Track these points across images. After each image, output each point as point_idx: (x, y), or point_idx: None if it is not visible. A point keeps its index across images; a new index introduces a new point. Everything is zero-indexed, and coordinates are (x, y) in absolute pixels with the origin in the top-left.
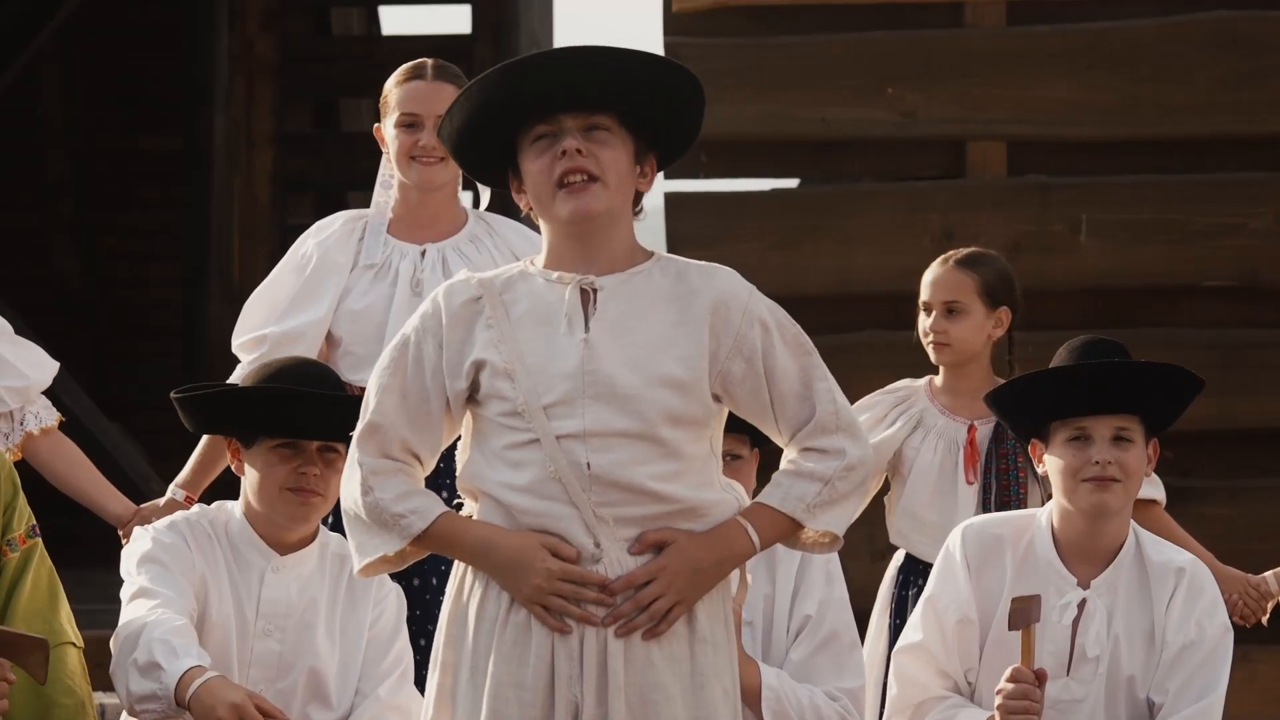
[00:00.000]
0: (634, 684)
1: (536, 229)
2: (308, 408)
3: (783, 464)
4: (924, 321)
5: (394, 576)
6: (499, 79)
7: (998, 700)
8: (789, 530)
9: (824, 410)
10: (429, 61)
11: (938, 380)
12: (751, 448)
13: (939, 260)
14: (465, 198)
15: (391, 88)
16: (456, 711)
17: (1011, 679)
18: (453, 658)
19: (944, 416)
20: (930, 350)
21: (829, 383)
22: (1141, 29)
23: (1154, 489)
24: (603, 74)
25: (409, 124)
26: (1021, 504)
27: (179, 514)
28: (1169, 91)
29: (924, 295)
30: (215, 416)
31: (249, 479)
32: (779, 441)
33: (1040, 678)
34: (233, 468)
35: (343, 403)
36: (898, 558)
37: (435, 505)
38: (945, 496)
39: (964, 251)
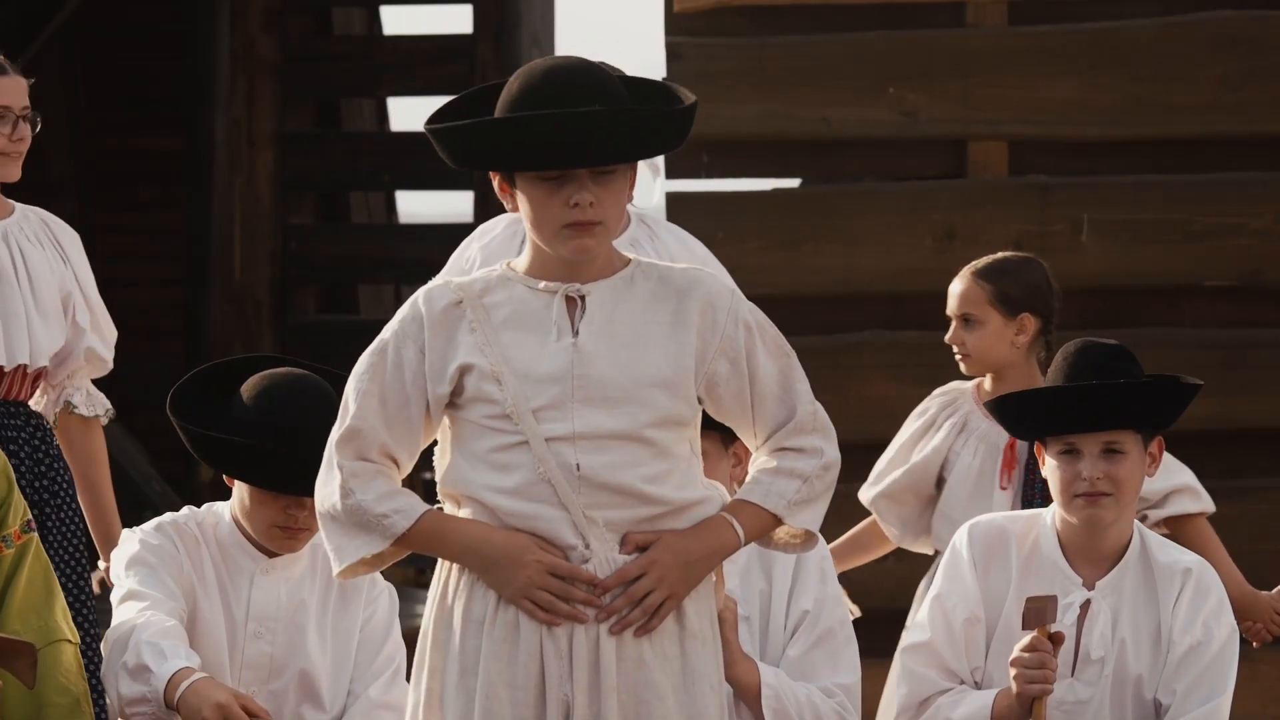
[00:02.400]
0: (626, 683)
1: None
2: (292, 468)
3: (758, 463)
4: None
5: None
6: (513, 130)
7: (1013, 671)
8: (770, 526)
9: (803, 411)
10: None
11: (985, 384)
12: (724, 445)
13: (965, 269)
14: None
15: None
16: (446, 715)
17: (1029, 648)
18: (440, 661)
19: (987, 421)
20: (960, 362)
21: (806, 385)
22: (1142, 29)
23: (1195, 502)
24: (619, 129)
25: None
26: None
27: (166, 516)
28: (1170, 91)
29: (948, 306)
30: (202, 450)
31: (238, 498)
32: (750, 443)
33: (1056, 640)
34: (224, 478)
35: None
36: (937, 561)
37: (418, 504)
38: (981, 501)
39: (987, 260)
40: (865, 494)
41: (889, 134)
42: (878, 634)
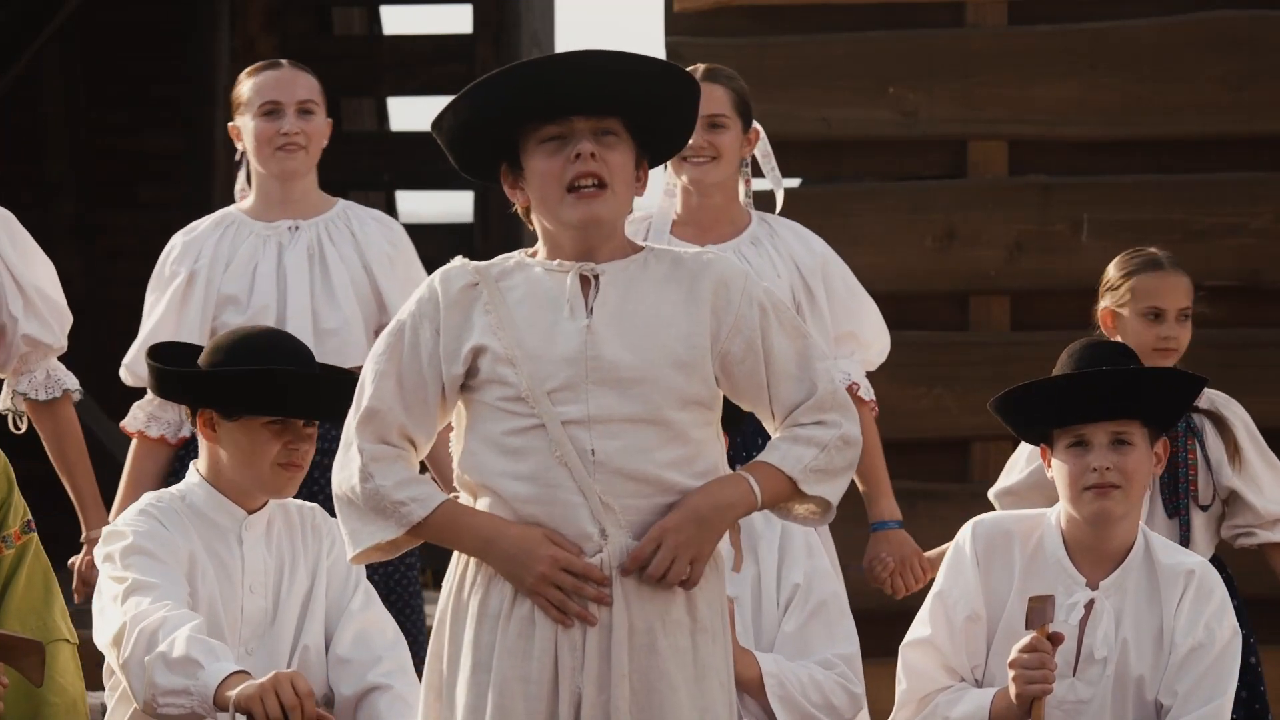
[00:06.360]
0: (639, 672)
1: (528, 223)
2: (305, 388)
3: (776, 435)
4: (1148, 329)
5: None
6: (513, 77)
7: (1012, 672)
8: (786, 492)
9: (824, 389)
10: (701, 67)
11: None
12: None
13: (1149, 263)
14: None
15: None
16: (458, 707)
17: (1028, 648)
18: (454, 654)
19: None
20: (1158, 358)
21: (826, 364)
22: (1142, 29)
23: None
24: (615, 78)
25: None
26: (1192, 496)
27: (143, 500)
28: (1170, 91)
29: (1153, 302)
30: (199, 391)
31: (230, 451)
32: (769, 425)
33: (1055, 640)
34: (202, 435)
35: (335, 382)
36: None
37: (436, 494)
38: None
39: (1161, 252)
40: (993, 491)
41: (889, 134)
42: (879, 634)
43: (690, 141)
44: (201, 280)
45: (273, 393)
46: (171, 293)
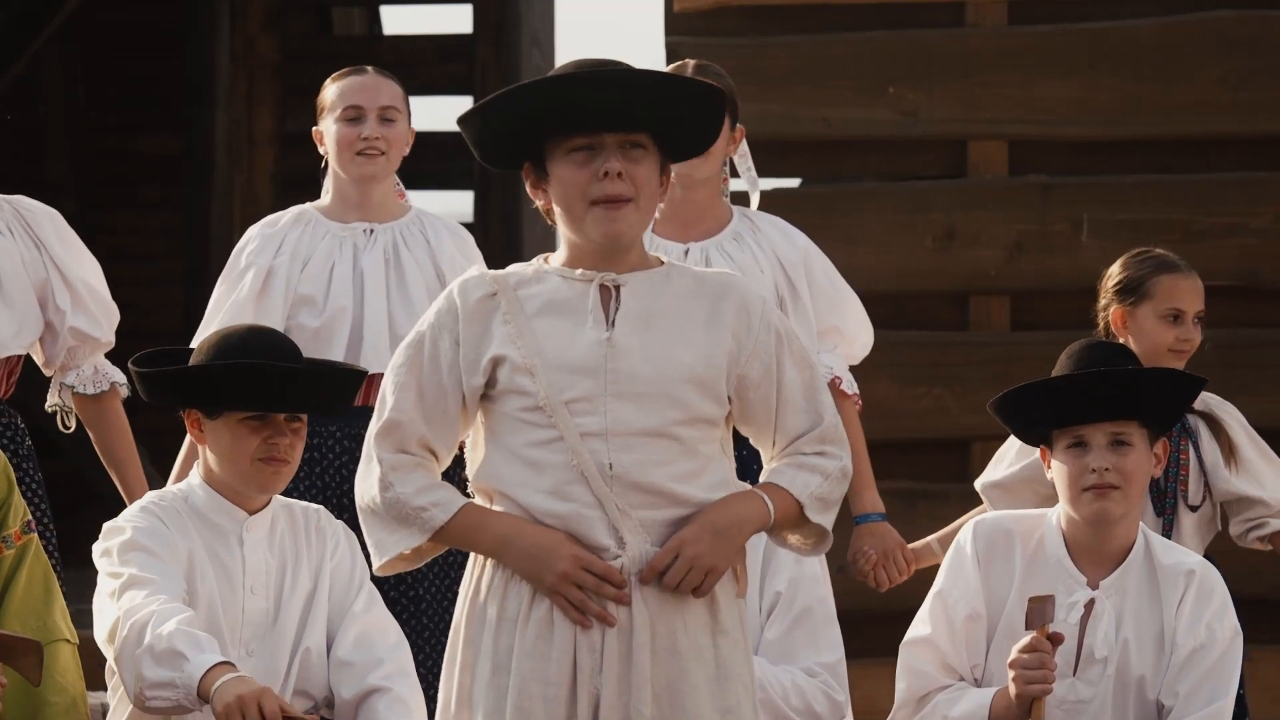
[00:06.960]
0: (660, 675)
1: (547, 223)
2: (278, 381)
3: (777, 461)
4: (1167, 331)
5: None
6: (545, 90)
7: (1012, 672)
8: (793, 514)
9: (828, 421)
10: (690, 64)
11: None
12: None
13: (1167, 265)
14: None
15: None
16: (476, 711)
17: (1028, 648)
18: (470, 658)
19: None
20: (1172, 359)
21: (829, 396)
22: (1142, 28)
23: None
24: (647, 95)
25: None
26: (1182, 496)
27: (146, 498)
28: (1170, 91)
29: (1174, 303)
30: (180, 391)
31: (215, 449)
32: (766, 451)
33: (1055, 640)
34: (192, 437)
35: (312, 375)
36: None
37: (457, 498)
38: None
39: (1170, 253)
40: (979, 482)
41: (889, 134)
42: (879, 634)
43: None
44: (280, 277)
45: (245, 387)
46: (249, 286)
